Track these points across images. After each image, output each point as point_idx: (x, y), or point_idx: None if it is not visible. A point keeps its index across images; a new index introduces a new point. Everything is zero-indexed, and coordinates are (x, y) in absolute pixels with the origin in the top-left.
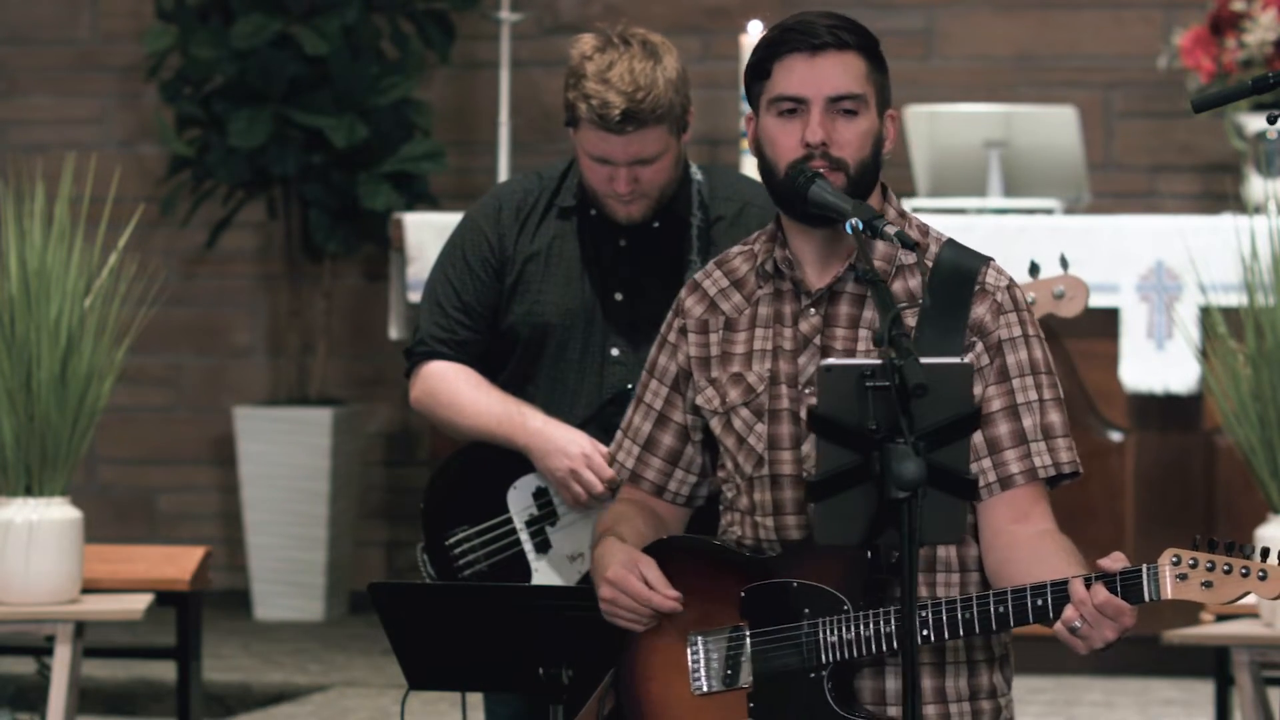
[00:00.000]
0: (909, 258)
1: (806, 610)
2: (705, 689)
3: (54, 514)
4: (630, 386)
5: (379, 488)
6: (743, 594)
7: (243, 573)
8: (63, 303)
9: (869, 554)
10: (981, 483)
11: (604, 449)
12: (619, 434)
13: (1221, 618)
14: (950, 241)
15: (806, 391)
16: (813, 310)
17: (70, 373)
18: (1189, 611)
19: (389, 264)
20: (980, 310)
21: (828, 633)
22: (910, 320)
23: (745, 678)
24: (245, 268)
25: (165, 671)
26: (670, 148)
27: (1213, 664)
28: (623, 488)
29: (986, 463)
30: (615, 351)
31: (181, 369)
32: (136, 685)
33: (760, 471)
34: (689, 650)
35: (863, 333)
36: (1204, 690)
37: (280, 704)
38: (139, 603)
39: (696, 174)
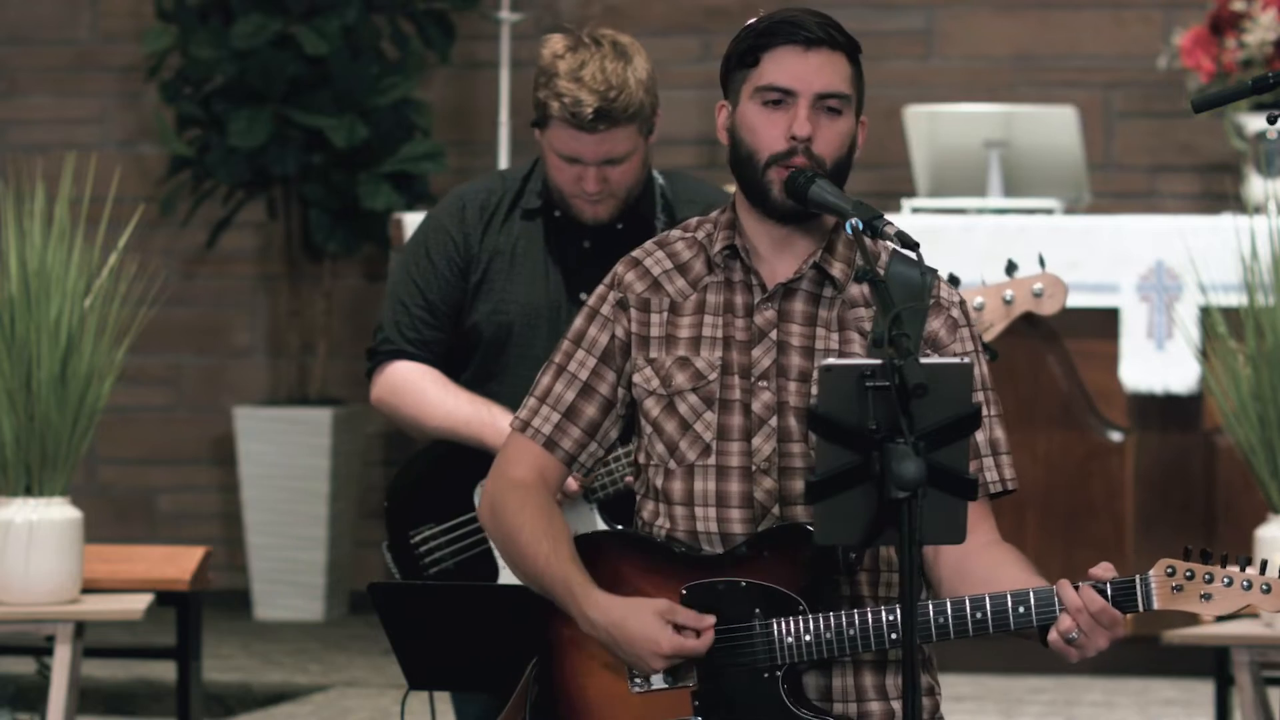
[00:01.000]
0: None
1: (757, 610)
2: (645, 688)
3: (54, 514)
4: None
5: (379, 488)
6: (684, 591)
7: (243, 573)
8: (63, 303)
9: (822, 554)
10: None
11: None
12: (532, 401)
13: (1221, 618)
14: (895, 252)
15: (761, 385)
16: (768, 304)
17: (70, 373)
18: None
19: (389, 264)
20: (935, 324)
21: (784, 633)
22: (866, 324)
23: (689, 676)
24: (245, 268)
25: (165, 671)
26: (638, 148)
27: (1213, 664)
28: (516, 448)
29: None
30: None
31: (181, 369)
32: (136, 685)
33: (706, 460)
34: None
35: (819, 330)
36: (1204, 690)
37: (280, 704)
38: (139, 603)
39: (659, 178)
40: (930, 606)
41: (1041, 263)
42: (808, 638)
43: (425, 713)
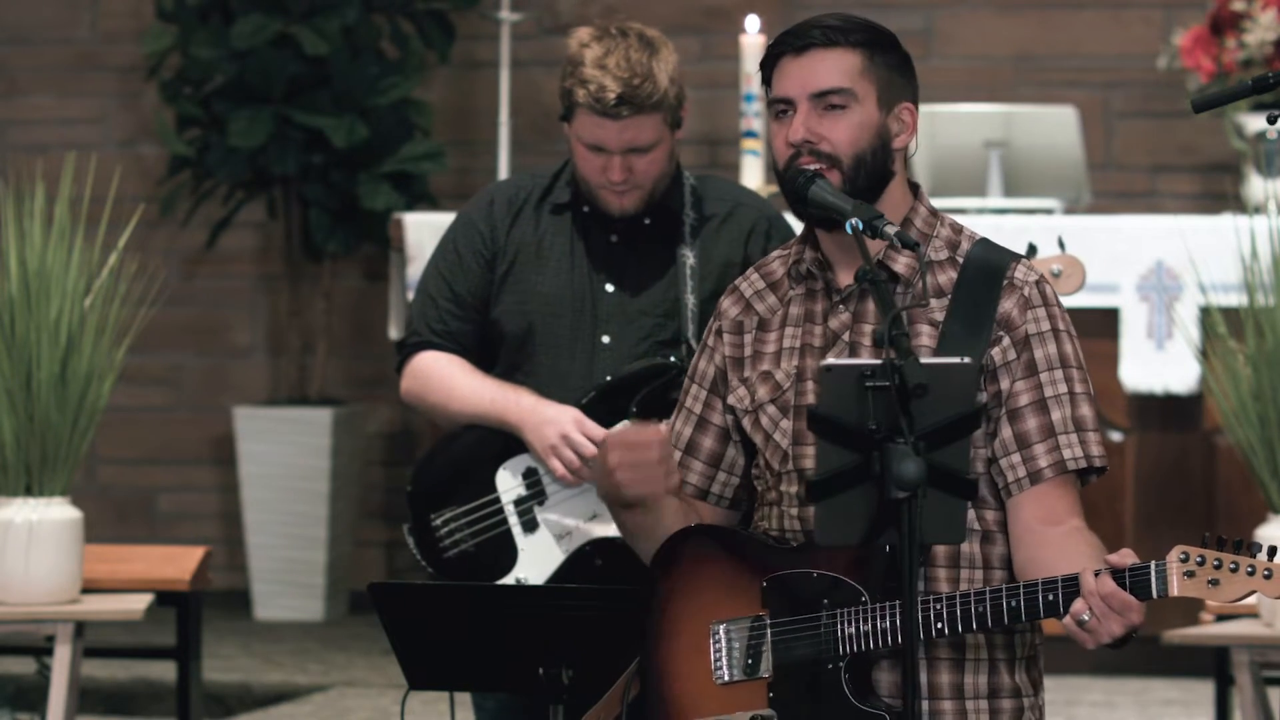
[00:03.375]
0: (940, 253)
1: (825, 601)
2: (726, 678)
3: (54, 514)
4: (609, 378)
5: (379, 488)
6: (764, 583)
7: (243, 573)
8: (63, 303)
9: (888, 547)
10: (1011, 478)
11: (594, 424)
12: None
13: (1221, 617)
14: (984, 240)
15: None
16: (842, 307)
17: (70, 373)
18: (1189, 611)
19: (389, 264)
20: (1008, 305)
21: (846, 624)
22: (939, 314)
23: (765, 667)
24: (245, 268)
25: (165, 671)
26: (664, 139)
27: (1213, 664)
28: None
29: (1016, 458)
30: (606, 339)
31: (181, 369)
32: (136, 685)
33: (786, 466)
34: (711, 639)
35: None
36: (1204, 690)
37: (280, 704)
38: (139, 603)
39: (689, 178)
40: (971, 596)
41: (1061, 245)
42: (866, 628)
43: (425, 713)
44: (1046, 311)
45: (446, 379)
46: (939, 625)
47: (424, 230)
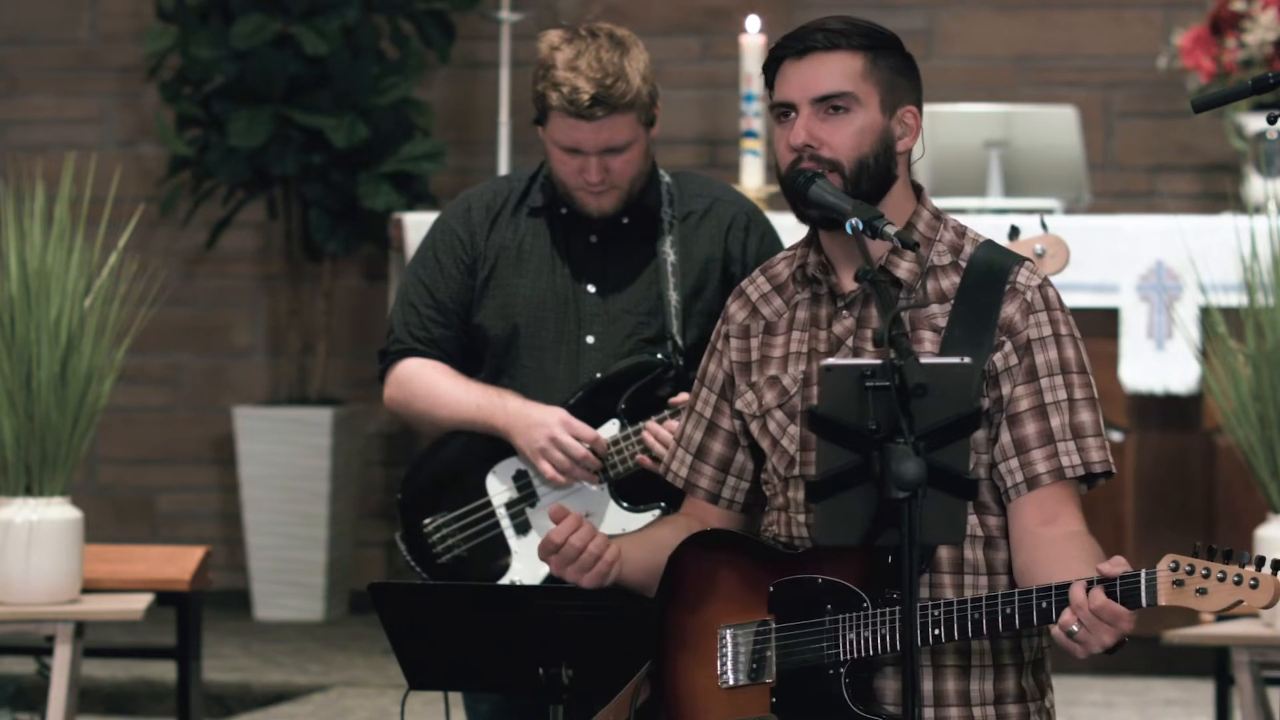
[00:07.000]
0: (943, 258)
1: (829, 606)
2: (731, 682)
3: (54, 514)
4: (598, 376)
5: (379, 488)
6: (771, 588)
7: (243, 573)
8: (63, 303)
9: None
10: (1010, 483)
11: (581, 424)
12: (673, 444)
13: (1221, 617)
14: (988, 242)
15: None
16: (845, 313)
17: (70, 373)
18: (1189, 611)
19: (389, 264)
20: (1010, 309)
21: (847, 630)
22: (941, 320)
23: (769, 672)
24: (245, 268)
25: (165, 671)
26: (639, 138)
27: (1213, 664)
28: (685, 501)
29: (1014, 463)
30: (590, 339)
31: (181, 369)
32: (136, 685)
33: (792, 471)
34: (719, 643)
35: None
36: (1204, 690)
37: (280, 704)
38: (139, 603)
39: (665, 175)
40: (968, 603)
41: (1044, 225)
42: (866, 634)
43: (425, 713)
44: (1049, 316)
45: (431, 386)
46: (936, 632)
47: (424, 230)
